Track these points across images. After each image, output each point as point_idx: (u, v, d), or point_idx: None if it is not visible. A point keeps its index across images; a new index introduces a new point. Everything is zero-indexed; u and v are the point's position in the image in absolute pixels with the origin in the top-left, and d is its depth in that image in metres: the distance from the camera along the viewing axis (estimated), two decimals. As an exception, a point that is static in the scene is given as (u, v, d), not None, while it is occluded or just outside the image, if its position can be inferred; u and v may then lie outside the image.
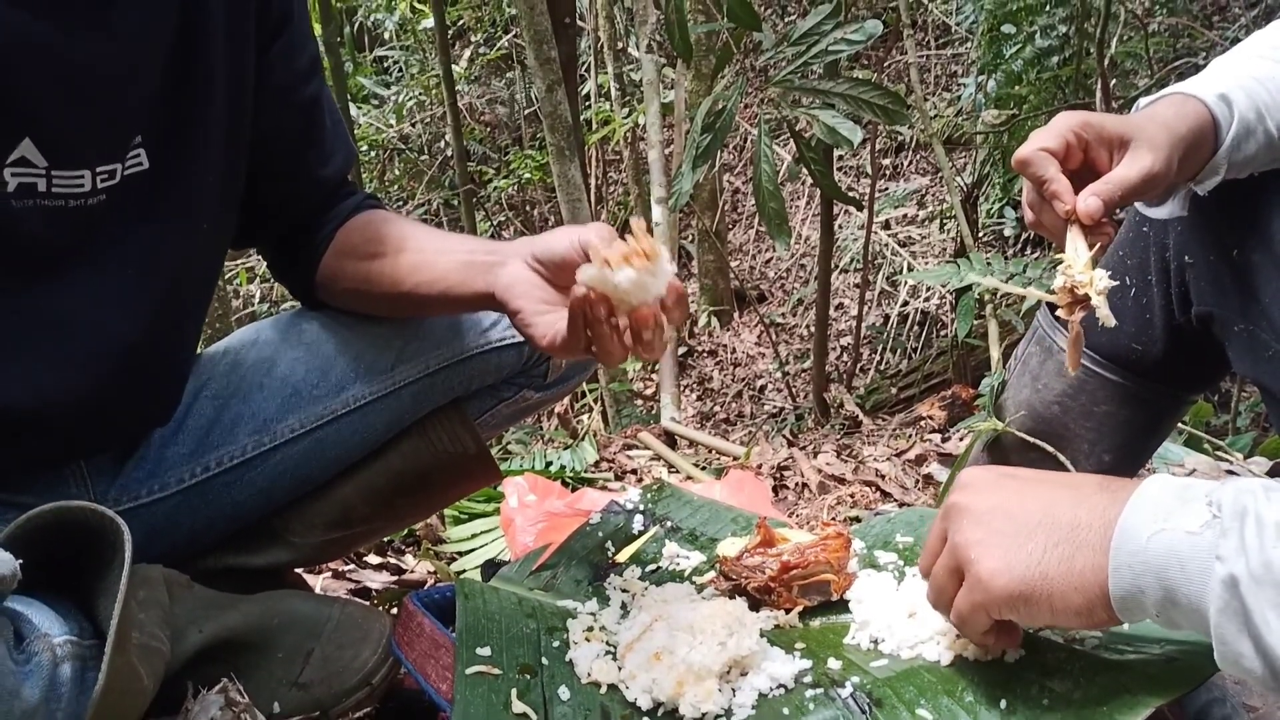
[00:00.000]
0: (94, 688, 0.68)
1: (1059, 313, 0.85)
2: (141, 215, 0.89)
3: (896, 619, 0.83)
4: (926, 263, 5.24)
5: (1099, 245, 0.83)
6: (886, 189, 5.96)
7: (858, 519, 1.76)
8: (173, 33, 0.87)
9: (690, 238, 6.05)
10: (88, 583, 0.77)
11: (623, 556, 1.08)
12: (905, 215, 5.84)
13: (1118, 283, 0.83)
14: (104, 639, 0.70)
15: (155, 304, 0.92)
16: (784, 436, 3.21)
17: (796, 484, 2.10)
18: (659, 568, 1.04)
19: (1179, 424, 1.87)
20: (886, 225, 5.71)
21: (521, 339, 1.11)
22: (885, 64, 6.32)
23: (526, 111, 7.35)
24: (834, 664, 0.80)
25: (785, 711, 0.75)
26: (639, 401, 4.35)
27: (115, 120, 0.84)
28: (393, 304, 1.04)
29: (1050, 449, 1.19)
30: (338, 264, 1.07)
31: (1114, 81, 3.70)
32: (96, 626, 0.75)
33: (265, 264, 1.16)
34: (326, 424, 1.06)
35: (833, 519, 1.77)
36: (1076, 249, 0.83)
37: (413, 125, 7.38)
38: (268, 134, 0.99)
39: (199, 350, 1.09)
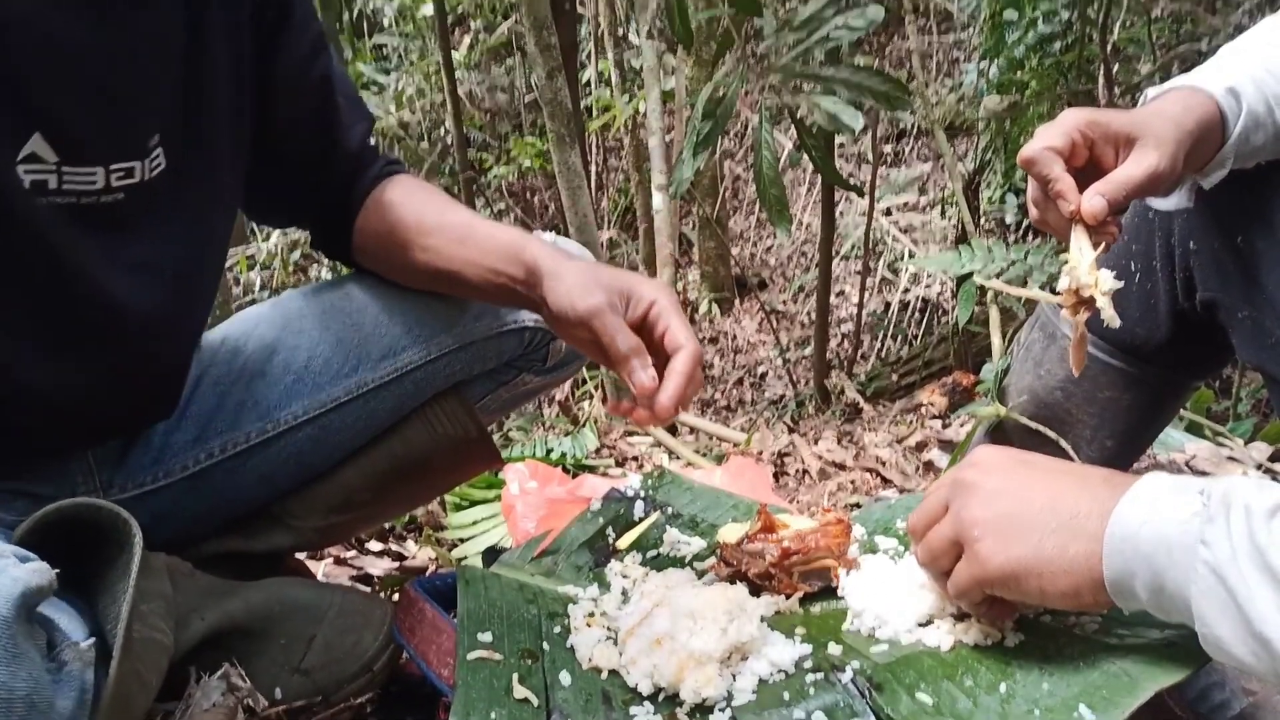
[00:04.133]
0: (103, 691, 0.67)
1: (1064, 313, 0.85)
2: (159, 214, 0.89)
3: (890, 603, 0.83)
4: (928, 249, 5.23)
5: (1104, 245, 0.83)
6: (888, 175, 5.93)
7: (858, 505, 1.76)
8: (183, 30, 0.86)
9: (691, 225, 6.02)
10: (86, 574, 0.76)
11: (623, 543, 1.08)
12: (906, 202, 5.82)
13: (1122, 284, 0.84)
14: (104, 636, 0.68)
15: (167, 298, 0.92)
16: (785, 423, 3.20)
17: (797, 470, 2.10)
18: (660, 554, 1.04)
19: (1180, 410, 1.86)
20: (888, 212, 5.69)
21: (521, 325, 1.12)
22: (887, 50, 6.28)
23: (526, 98, 7.31)
24: (834, 649, 0.81)
25: (786, 696, 0.75)
26: (640, 389, 4.33)
27: (131, 119, 0.84)
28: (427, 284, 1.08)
29: (1052, 434, 1.19)
30: (364, 243, 1.08)
31: (1116, 67, 3.68)
32: (96, 622, 0.74)
33: (309, 241, 1.18)
34: (329, 411, 1.06)
35: (833, 505, 1.77)
36: (1081, 249, 0.83)
37: (412, 112, 7.34)
38: (288, 121, 1.00)
39: None
